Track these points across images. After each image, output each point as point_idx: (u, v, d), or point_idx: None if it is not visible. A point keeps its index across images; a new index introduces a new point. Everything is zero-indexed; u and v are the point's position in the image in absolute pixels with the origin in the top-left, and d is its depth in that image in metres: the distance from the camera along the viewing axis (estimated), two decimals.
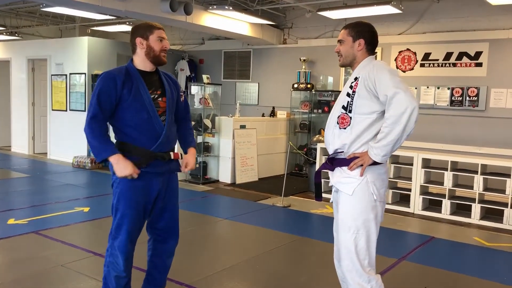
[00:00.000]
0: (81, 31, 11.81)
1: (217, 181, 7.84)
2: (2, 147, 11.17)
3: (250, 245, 4.67)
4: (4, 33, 12.25)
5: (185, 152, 3.03)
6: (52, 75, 9.70)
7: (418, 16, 7.89)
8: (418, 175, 6.11)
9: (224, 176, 7.81)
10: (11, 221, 5.01)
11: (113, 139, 2.74)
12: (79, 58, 9.14)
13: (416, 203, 6.15)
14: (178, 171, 2.99)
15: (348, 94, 2.50)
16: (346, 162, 2.50)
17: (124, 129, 2.75)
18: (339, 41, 2.60)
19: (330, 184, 2.69)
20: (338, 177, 2.54)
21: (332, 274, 3.06)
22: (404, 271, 4.04)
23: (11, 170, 8.41)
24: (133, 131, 2.73)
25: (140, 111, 2.72)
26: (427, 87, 7.75)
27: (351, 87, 2.50)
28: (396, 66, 8.08)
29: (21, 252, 4.14)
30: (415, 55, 7.89)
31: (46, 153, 10.08)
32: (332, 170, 2.60)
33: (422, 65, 7.83)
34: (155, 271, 3.11)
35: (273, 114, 9.24)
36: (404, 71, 8.00)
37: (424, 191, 6.23)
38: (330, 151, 2.60)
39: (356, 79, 2.49)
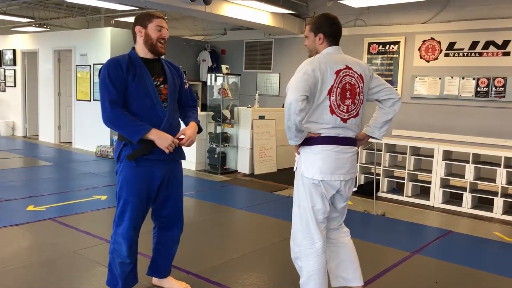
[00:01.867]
0: (106, 22, 11.99)
1: (236, 171, 7.85)
2: (30, 136, 11.48)
3: (261, 235, 4.65)
4: (33, 25, 12.55)
5: (186, 125, 2.99)
6: (76, 65, 9.88)
7: (443, 4, 7.65)
8: (438, 168, 5.95)
9: (243, 166, 7.80)
10: (30, 208, 5.14)
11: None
12: (102, 48, 9.27)
13: (436, 196, 5.99)
14: (182, 159, 3.00)
15: None
16: None
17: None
18: (306, 36, 2.79)
19: None
20: None
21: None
22: (415, 265, 3.94)
23: (37, 158, 8.63)
24: (137, 118, 2.74)
25: (144, 98, 2.73)
26: (452, 77, 7.52)
27: None
28: (420, 55, 7.87)
29: (35, 238, 4.24)
30: (440, 44, 7.66)
31: (71, 142, 10.30)
32: None
33: (446, 55, 7.60)
34: (159, 258, 3.13)
35: None
36: (428, 61, 7.79)
37: (444, 184, 6.06)
38: None
39: None
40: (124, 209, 2.79)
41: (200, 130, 3.02)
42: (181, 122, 3.02)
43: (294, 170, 2.79)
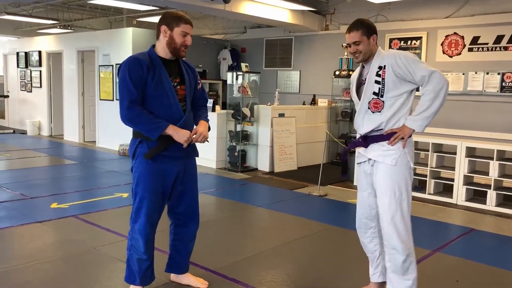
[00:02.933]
0: (128, 23, 12.14)
1: (256, 169, 7.85)
2: (56, 136, 11.73)
3: (280, 233, 4.64)
4: (58, 27, 12.82)
5: (197, 124, 3.01)
6: (99, 65, 10.03)
7: None
8: (461, 165, 5.84)
9: (263, 164, 7.80)
10: (54, 205, 5.25)
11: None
12: (124, 48, 9.38)
13: (460, 194, 5.88)
14: (196, 156, 3.03)
15: (377, 82, 2.79)
16: (383, 137, 2.80)
17: None
18: (355, 43, 2.83)
19: (359, 161, 2.99)
20: (377, 151, 2.82)
21: (359, 264, 2.97)
22: (436, 263, 3.87)
23: (61, 157, 8.81)
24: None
25: (161, 98, 2.76)
26: (475, 73, 7.36)
27: (379, 75, 2.78)
28: (443, 51, 7.73)
29: (58, 235, 4.34)
30: (463, 39, 7.50)
31: (95, 141, 10.48)
32: (366, 146, 2.88)
33: (470, 50, 7.44)
34: (177, 255, 3.16)
35: (313, 102, 9.11)
36: (450, 56, 7.65)
37: (468, 181, 5.94)
38: (362, 132, 2.89)
39: (380, 67, 2.78)
40: (140, 205, 2.84)
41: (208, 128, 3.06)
42: None
43: (394, 164, 2.76)
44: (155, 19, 11.08)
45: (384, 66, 2.76)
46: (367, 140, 2.86)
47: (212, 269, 3.55)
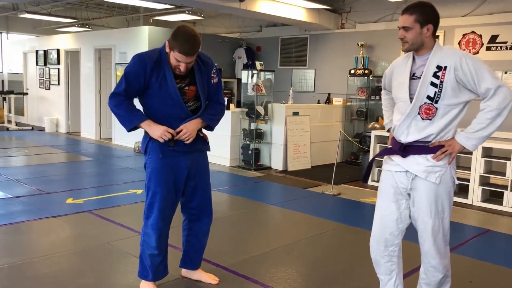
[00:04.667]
0: (145, 21, 12.26)
1: (269, 167, 7.85)
2: (73, 133, 11.89)
3: (291, 230, 4.64)
4: (76, 25, 13.00)
5: None
6: (116, 63, 10.13)
7: None
8: (477, 165, 5.76)
9: (276, 163, 7.80)
10: (69, 200, 5.33)
11: None
12: (141, 47, 9.45)
13: (475, 194, 5.80)
14: (207, 150, 3.04)
15: (434, 84, 2.40)
16: (429, 150, 2.47)
17: (152, 114, 2.83)
18: (404, 27, 2.44)
19: (391, 169, 2.62)
20: (420, 166, 2.48)
21: (371, 263, 2.92)
22: (450, 263, 3.82)
23: (78, 154, 8.93)
24: (160, 115, 2.82)
25: (166, 98, 2.77)
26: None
27: (437, 77, 2.39)
28: None
29: (72, 229, 4.40)
30: (481, 38, 7.40)
31: (111, 138, 10.60)
32: (404, 156, 2.54)
33: (488, 49, 7.34)
34: (191, 250, 3.18)
35: (328, 101, 9.07)
36: None
37: (484, 181, 5.86)
38: (404, 141, 2.53)
39: (440, 68, 2.39)
40: (153, 200, 2.87)
41: (210, 128, 2.97)
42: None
43: (438, 182, 2.46)
44: (172, 17, 11.16)
45: (445, 67, 2.38)
46: (408, 150, 2.51)
47: (223, 266, 3.57)
